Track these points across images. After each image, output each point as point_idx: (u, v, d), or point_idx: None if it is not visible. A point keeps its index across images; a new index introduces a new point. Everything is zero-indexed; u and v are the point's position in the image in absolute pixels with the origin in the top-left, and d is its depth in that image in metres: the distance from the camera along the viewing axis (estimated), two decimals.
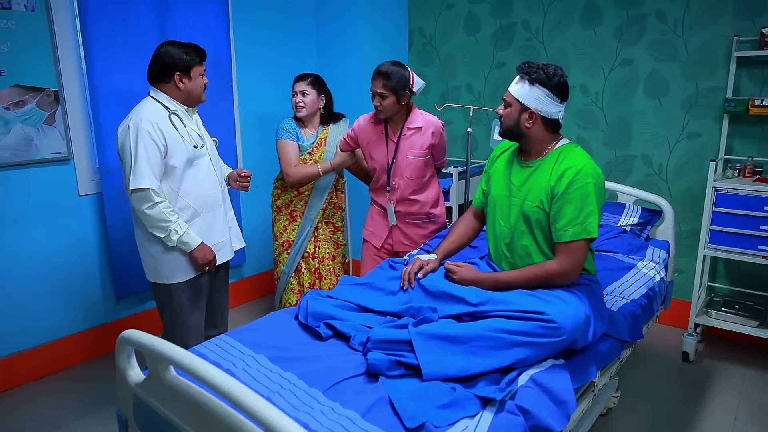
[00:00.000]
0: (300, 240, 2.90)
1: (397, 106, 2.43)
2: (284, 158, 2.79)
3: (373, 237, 2.72)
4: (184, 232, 2.09)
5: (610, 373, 1.90)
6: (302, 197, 2.89)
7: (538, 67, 1.71)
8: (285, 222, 2.92)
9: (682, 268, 3.24)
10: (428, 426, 1.29)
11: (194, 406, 1.25)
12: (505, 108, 1.80)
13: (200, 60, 2.15)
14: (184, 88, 2.13)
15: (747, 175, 2.88)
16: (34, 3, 2.51)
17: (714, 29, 2.96)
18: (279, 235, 2.93)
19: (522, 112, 1.75)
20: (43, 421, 2.45)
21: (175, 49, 2.11)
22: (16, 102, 2.52)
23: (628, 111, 3.29)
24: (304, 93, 2.77)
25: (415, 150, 2.49)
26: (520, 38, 3.58)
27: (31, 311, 2.72)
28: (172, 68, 2.10)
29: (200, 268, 2.18)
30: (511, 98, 1.77)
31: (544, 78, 1.70)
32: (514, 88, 1.76)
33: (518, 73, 1.75)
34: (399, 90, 2.38)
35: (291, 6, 3.67)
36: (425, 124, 2.49)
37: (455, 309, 1.67)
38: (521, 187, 1.80)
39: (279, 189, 2.93)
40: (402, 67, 2.42)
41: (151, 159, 2.01)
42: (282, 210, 2.93)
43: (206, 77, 2.20)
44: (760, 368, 2.87)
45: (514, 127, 1.78)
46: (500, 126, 1.84)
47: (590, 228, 1.68)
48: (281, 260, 2.96)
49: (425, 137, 2.48)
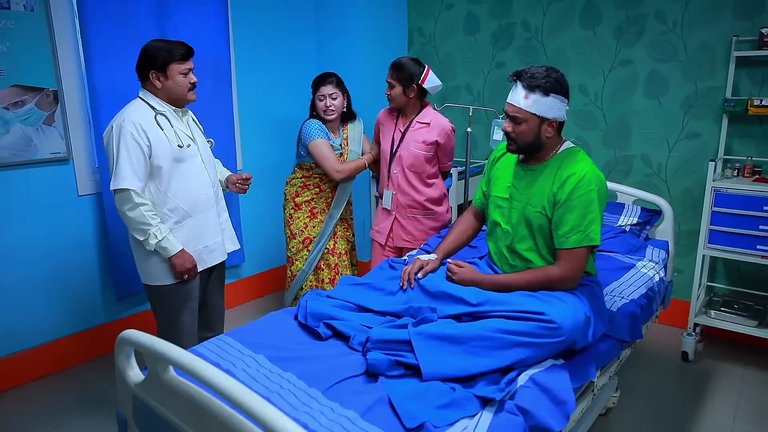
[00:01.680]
0: (324, 238, 2.89)
1: (404, 97, 2.53)
2: (328, 157, 2.73)
3: (379, 235, 2.76)
4: (164, 237, 2.04)
5: (610, 373, 1.90)
6: (323, 194, 2.89)
7: (545, 76, 1.66)
8: (305, 219, 2.89)
9: (682, 268, 3.24)
10: (428, 426, 1.29)
11: (194, 406, 1.25)
12: (517, 125, 1.71)
13: (182, 57, 2.07)
14: (161, 87, 2.08)
15: (746, 175, 2.88)
16: (33, 3, 2.51)
17: (713, 29, 2.96)
18: (299, 232, 2.89)
19: (541, 125, 1.71)
20: (43, 421, 2.45)
21: (155, 45, 2.06)
22: (15, 102, 2.52)
23: (627, 111, 3.29)
24: (332, 96, 2.72)
25: (419, 143, 2.56)
26: (520, 38, 3.58)
27: (31, 311, 2.72)
28: (149, 66, 2.06)
29: (178, 276, 2.13)
30: (525, 114, 1.68)
31: (557, 86, 1.67)
32: (526, 102, 1.67)
33: (526, 86, 1.67)
34: (405, 81, 2.49)
35: (290, 6, 3.67)
36: (434, 121, 2.57)
37: (455, 309, 1.67)
38: (523, 191, 1.80)
39: (299, 186, 2.89)
40: (417, 63, 2.52)
41: (133, 160, 1.99)
42: (302, 207, 2.89)
43: (194, 76, 2.13)
44: (759, 368, 2.87)
45: (534, 141, 1.73)
46: (513, 143, 1.75)
47: (593, 235, 1.68)
48: (299, 257, 2.92)
49: (431, 134, 2.56)
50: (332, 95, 2.73)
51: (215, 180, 2.29)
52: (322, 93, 2.72)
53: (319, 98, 2.74)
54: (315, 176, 2.87)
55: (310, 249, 2.90)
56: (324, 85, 2.73)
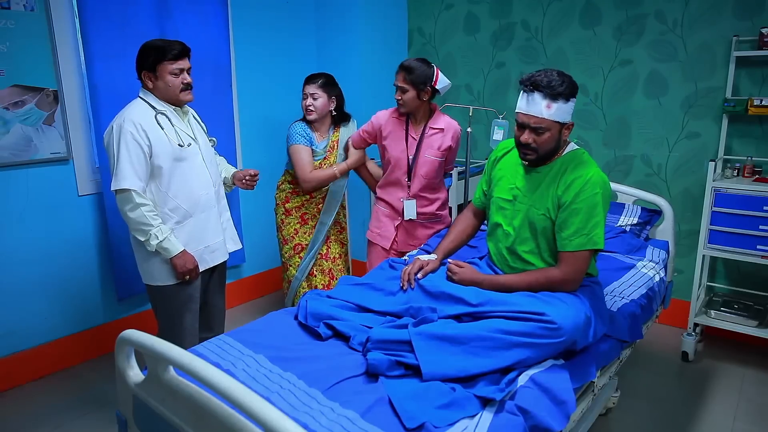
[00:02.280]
0: (316, 246, 2.85)
1: (417, 101, 2.42)
2: (299, 164, 2.70)
3: (381, 239, 2.67)
4: (165, 237, 2.04)
5: (610, 373, 1.90)
6: (314, 200, 2.85)
7: (562, 83, 1.64)
8: (296, 225, 2.86)
9: (682, 268, 3.24)
10: (428, 426, 1.29)
11: (194, 406, 1.25)
12: (538, 135, 1.68)
13: (173, 57, 2.05)
14: (153, 87, 2.08)
15: (746, 175, 2.88)
16: (33, 3, 2.51)
17: (713, 29, 2.96)
18: (290, 238, 2.86)
19: (561, 130, 1.70)
20: (43, 421, 2.45)
21: (148, 45, 2.06)
22: (15, 102, 2.51)
23: (627, 111, 3.29)
24: (314, 96, 2.69)
25: (434, 150, 2.50)
26: (520, 38, 3.58)
27: (31, 311, 2.71)
28: (140, 67, 2.07)
29: (180, 277, 2.13)
30: (549, 123, 1.66)
31: (575, 89, 1.68)
32: (549, 112, 1.64)
33: (548, 95, 1.63)
34: (419, 84, 2.38)
35: (290, 6, 3.67)
36: (447, 126, 2.51)
37: (455, 309, 1.67)
38: (527, 194, 1.79)
39: (288, 192, 2.86)
40: (426, 64, 2.41)
41: (134, 160, 1.98)
42: (292, 213, 2.85)
43: (188, 76, 2.12)
44: (759, 368, 2.87)
45: (555, 147, 1.73)
46: (532, 153, 1.71)
47: (596, 239, 1.68)
48: (292, 264, 2.88)
49: (445, 139, 2.50)
50: (313, 95, 2.68)
51: (216, 179, 2.28)
52: (305, 92, 2.72)
53: (303, 96, 2.73)
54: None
55: (302, 256, 2.86)
56: (308, 84, 2.72)
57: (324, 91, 2.71)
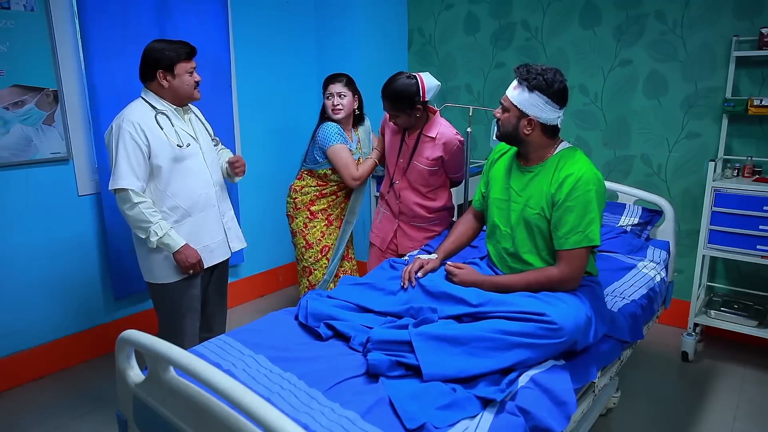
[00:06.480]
0: (343, 246, 2.83)
1: (411, 119, 2.41)
2: (344, 163, 2.65)
3: (378, 239, 2.71)
4: (165, 233, 2.05)
5: (611, 373, 1.90)
6: (338, 200, 2.83)
7: (538, 73, 1.66)
8: (322, 227, 2.80)
9: (682, 267, 3.24)
10: (428, 427, 1.29)
11: (194, 407, 1.25)
12: (503, 112, 1.76)
13: (187, 56, 2.10)
14: (168, 86, 2.09)
15: (746, 175, 2.88)
16: (33, 3, 2.51)
17: (713, 29, 2.96)
18: (315, 242, 2.79)
19: (520, 119, 1.72)
20: (43, 421, 2.45)
21: (159, 46, 2.07)
22: (15, 102, 2.51)
23: (627, 111, 3.29)
24: (341, 95, 2.66)
25: (422, 158, 2.46)
26: (520, 38, 3.58)
27: (31, 311, 2.71)
28: (155, 66, 2.07)
29: (184, 271, 2.14)
30: (509, 103, 1.73)
31: (543, 85, 1.66)
32: (513, 93, 1.71)
33: (516, 77, 1.71)
34: (407, 108, 2.36)
35: (290, 6, 3.66)
36: (440, 135, 2.43)
37: (455, 309, 1.67)
38: (521, 193, 1.79)
39: (313, 195, 2.78)
40: (407, 79, 2.34)
41: (132, 159, 1.99)
42: (318, 216, 2.79)
43: (197, 74, 2.15)
44: (759, 368, 2.87)
45: (513, 132, 1.76)
46: (498, 129, 1.81)
47: (592, 236, 1.67)
48: (318, 267, 2.81)
49: (435, 148, 2.44)
50: (340, 94, 2.66)
51: (218, 179, 2.28)
52: (330, 91, 2.68)
53: (327, 96, 2.69)
54: (332, 183, 2.77)
55: (329, 257, 2.81)
56: (332, 83, 2.69)
57: (349, 90, 2.70)
